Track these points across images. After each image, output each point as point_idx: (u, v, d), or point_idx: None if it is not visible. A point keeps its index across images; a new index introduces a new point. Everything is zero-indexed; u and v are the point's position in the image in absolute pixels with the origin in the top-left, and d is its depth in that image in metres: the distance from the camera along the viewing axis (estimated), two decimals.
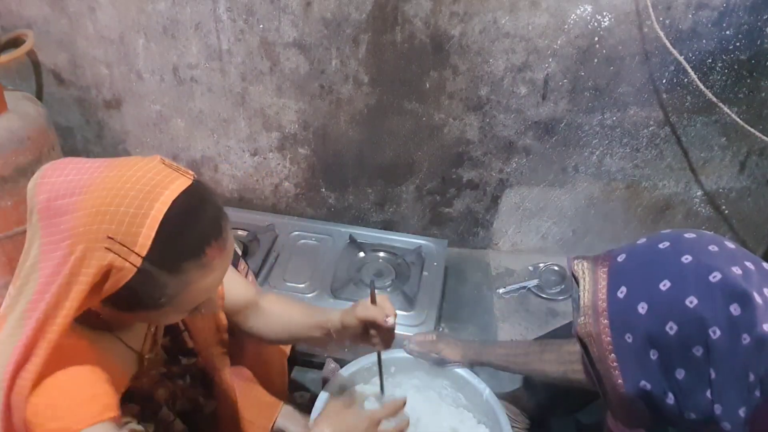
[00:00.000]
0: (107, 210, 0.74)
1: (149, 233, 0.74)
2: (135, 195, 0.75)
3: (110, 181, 0.75)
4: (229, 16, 1.64)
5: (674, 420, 0.73)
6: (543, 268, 1.97)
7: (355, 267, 1.73)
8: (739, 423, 0.68)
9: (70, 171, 0.78)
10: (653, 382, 0.71)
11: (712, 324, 0.67)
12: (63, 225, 0.75)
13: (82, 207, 0.74)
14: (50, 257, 0.76)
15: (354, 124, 1.81)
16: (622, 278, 0.76)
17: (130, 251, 0.74)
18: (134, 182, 0.76)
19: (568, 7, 1.56)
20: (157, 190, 0.76)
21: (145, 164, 0.78)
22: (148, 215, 0.74)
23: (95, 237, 0.73)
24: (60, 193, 0.76)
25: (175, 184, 0.77)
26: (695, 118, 1.73)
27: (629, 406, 0.75)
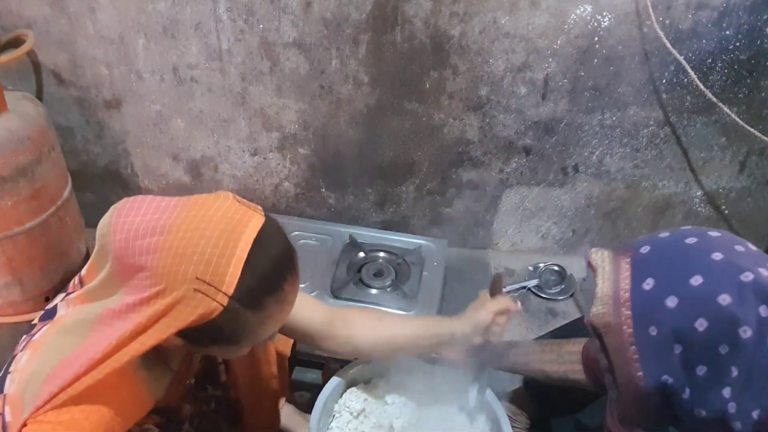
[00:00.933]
0: (194, 251, 0.76)
1: (235, 272, 0.77)
2: (219, 235, 0.77)
3: (192, 221, 0.78)
4: (229, 16, 1.64)
5: (683, 417, 0.72)
6: (543, 268, 1.97)
7: (355, 267, 1.73)
8: (750, 424, 0.68)
9: (146, 210, 0.80)
10: (674, 376, 0.70)
11: (743, 323, 0.67)
12: (145, 265, 0.76)
13: (165, 248, 0.76)
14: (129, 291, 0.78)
15: (354, 124, 1.81)
16: (648, 270, 0.74)
17: (217, 291, 0.76)
18: (216, 222, 0.78)
19: (568, 7, 1.56)
20: (238, 229, 0.79)
21: (221, 203, 0.81)
22: (234, 255, 0.77)
23: (183, 278, 0.75)
24: (139, 233, 0.78)
25: (252, 222, 0.81)
26: (695, 118, 1.73)
27: (644, 400, 0.74)
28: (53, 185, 1.64)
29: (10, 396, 0.82)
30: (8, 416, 0.81)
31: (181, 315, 0.76)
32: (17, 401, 0.80)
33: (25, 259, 1.62)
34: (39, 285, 1.68)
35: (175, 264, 0.76)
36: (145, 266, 0.76)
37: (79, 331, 0.80)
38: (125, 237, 0.78)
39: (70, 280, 0.94)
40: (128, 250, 0.77)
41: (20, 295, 1.67)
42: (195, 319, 0.77)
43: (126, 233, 0.78)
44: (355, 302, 1.60)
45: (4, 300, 1.67)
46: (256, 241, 0.79)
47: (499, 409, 1.21)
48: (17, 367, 0.84)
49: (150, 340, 0.78)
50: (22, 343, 0.90)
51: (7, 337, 1.69)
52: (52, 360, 0.79)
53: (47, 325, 0.88)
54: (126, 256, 0.78)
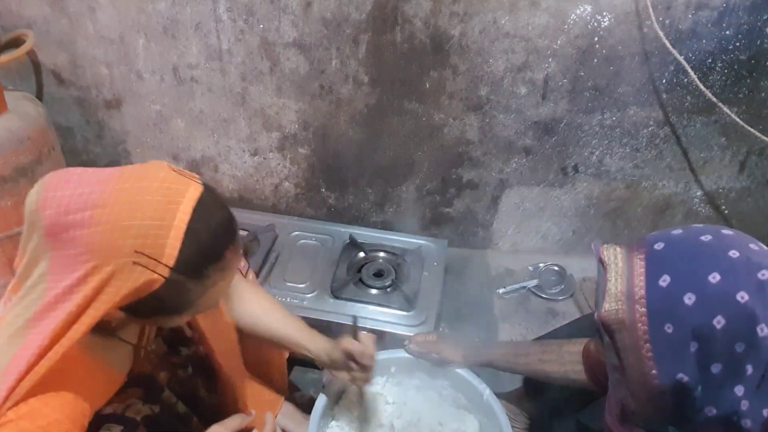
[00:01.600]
0: (131, 224, 0.74)
1: (175, 243, 0.76)
2: (156, 207, 0.75)
3: (127, 193, 0.76)
4: (229, 16, 1.64)
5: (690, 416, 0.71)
6: (543, 268, 1.97)
7: (355, 267, 1.73)
8: (760, 422, 0.68)
9: (78, 184, 0.77)
10: (689, 374, 0.70)
11: (761, 321, 0.66)
12: (78, 240, 0.74)
13: (101, 221, 0.74)
14: (63, 271, 0.75)
15: (354, 124, 1.81)
16: (664, 266, 0.73)
17: (157, 263, 0.75)
18: (153, 192, 0.76)
19: (568, 7, 1.56)
20: (176, 200, 0.77)
21: (156, 173, 0.79)
22: (172, 226, 0.76)
23: (121, 252, 0.74)
24: (71, 207, 0.75)
25: (189, 191, 0.79)
26: (695, 118, 1.73)
27: (655, 398, 0.73)
28: None
29: None
30: None
31: (120, 290, 0.75)
32: None
33: None
34: None
35: (113, 238, 0.74)
36: (79, 242, 0.74)
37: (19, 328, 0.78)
38: (56, 212, 0.75)
39: None
40: (59, 225, 0.75)
41: None
42: (134, 292, 0.76)
43: (56, 208, 0.75)
44: (355, 302, 1.60)
45: None
46: (195, 210, 0.78)
47: (499, 409, 1.22)
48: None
49: (89, 318, 0.76)
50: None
51: None
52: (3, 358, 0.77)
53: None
54: (57, 232, 0.75)
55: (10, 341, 0.77)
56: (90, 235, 0.74)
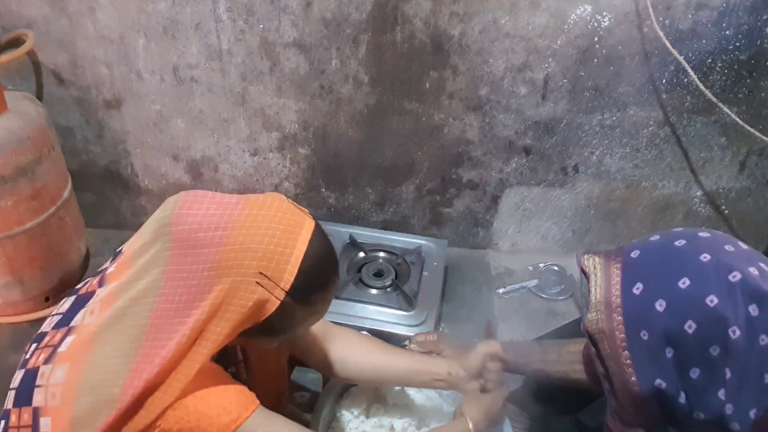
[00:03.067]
0: (258, 247, 0.82)
1: (293, 270, 0.83)
2: (281, 234, 0.84)
3: (255, 219, 0.84)
4: (229, 16, 1.64)
5: (682, 420, 0.72)
6: (543, 268, 1.97)
7: (355, 267, 1.73)
8: (748, 424, 0.68)
9: (209, 206, 0.85)
10: (668, 380, 0.71)
11: (732, 324, 0.67)
12: (204, 257, 0.81)
13: (229, 242, 0.81)
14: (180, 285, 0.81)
15: (354, 124, 1.81)
16: (637, 274, 0.74)
17: (276, 285, 0.83)
18: (277, 222, 0.85)
19: (568, 7, 1.56)
20: (296, 230, 0.86)
21: (279, 204, 0.88)
22: (292, 254, 0.84)
23: (246, 271, 0.81)
24: (203, 226, 0.83)
25: (306, 223, 0.88)
26: (695, 118, 1.73)
27: (641, 404, 0.74)
28: (53, 185, 1.64)
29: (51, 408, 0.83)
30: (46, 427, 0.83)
31: (242, 307, 0.81)
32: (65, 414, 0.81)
33: (25, 259, 1.62)
34: (39, 285, 1.68)
35: (239, 258, 0.81)
36: (205, 258, 0.80)
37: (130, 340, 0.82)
38: (189, 228, 0.83)
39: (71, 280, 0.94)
40: (190, 241, 0.82)
41: (20, 295, 1.67)
42: (253, 312, 0.82)
43: (190, 225, 0.83)
44: (355, 302, 1.60)
45: (4, 300, 1.67)
46: (311, 241, 0.86)
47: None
48: (50, 381, 0.84)
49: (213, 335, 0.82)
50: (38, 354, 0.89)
51: (7, 337, 1.69)
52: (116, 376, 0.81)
53: (71, 335, 0.88)
54: (185, 247, 0.82)
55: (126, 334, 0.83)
56: (218, 253, 0.81)
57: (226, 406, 0.84)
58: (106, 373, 0.82)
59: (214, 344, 0.82)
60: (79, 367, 0.83)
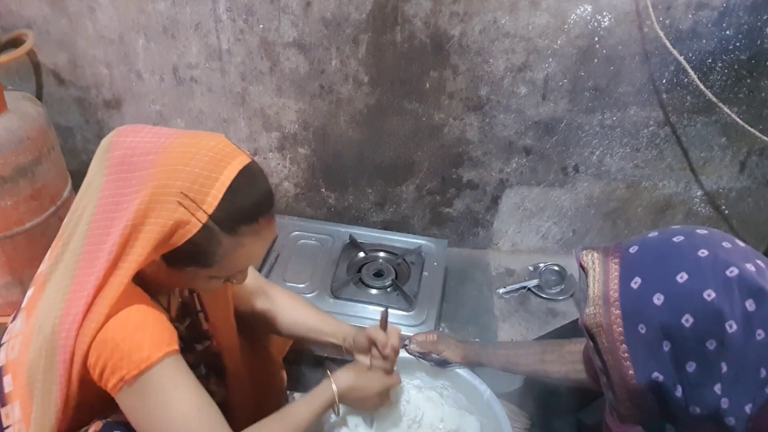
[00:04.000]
0: (183, 169, 0.82)
1: (217, 194, 0.83)
2: (208, 160, 0.84)
3: (186, 145, 0.84)
4: (229, 16, 1.64)
5: (678, 414, 0.72)
6: (543, 268, 1.97)
7: (355, 267, 1.73)
8: (743, 419, 0.68)
9: (147, 134, 0.86)
10: (665, 374, 0.71)
11: (729, 318, 0.67)
12: (134, 180, 0.82)
13: (157, 164, 0.82)
14: (112, 209, 0.83)
15: (354, 124, 1.81)
16: (635, 269, 0.75)
17: (198, 207, 0.82)
18: (208, 149, 0.85)
19: (568, 7, 1.56)
20: (226, 159, 0.85)
21: (216, 138, 0.88)
22: (218, 179, 0.83)
23: (169, 191, 0.81)
24: (137, 151, 0.84)
25: (240, 158, 0.87)
26: (695, 118, 1.73)
27: (638, 398, 0.74)
28: (53, 185, 1.64)
29: (10, 363, 0.84)
30: (9, 386, 0.84)
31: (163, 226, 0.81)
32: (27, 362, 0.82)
33: (25, 259, 1.62)
34: None
35: (164, 178, 0.82)
36: (135, 182, 0.82)
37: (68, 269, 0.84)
38: (123, 153, 0.84)
39: None
40: (123, 165, 0.83)
41: (20, 295, 1.66)
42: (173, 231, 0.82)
43: (125, 149, 0.84)
44: (355, 302, 1.60)
45: (4, 300, 1.67)
46: (240, 173, 0.85)
47: (499, 409, 1.21)
48: (12, 334, 0.87)
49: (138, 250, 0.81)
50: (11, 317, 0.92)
51: None
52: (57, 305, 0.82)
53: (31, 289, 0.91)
54: (120, 171, 0.83)
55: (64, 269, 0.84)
56: (146, 176, 0.82)
57: (139, 342, 0.82)
58: (46, 308, 0.83)
59: (133, 264, 0.81)
60: (32, 313, 0.85)
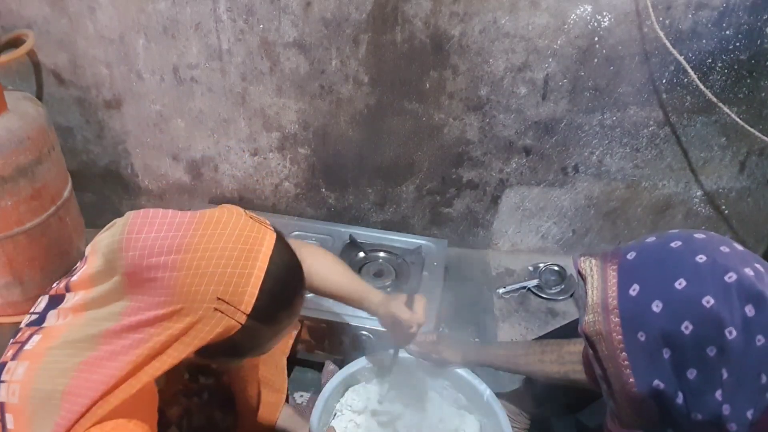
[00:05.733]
0: (214, 271, 0.78)
1: (253, 291, 0.80)
2: (238, 255, 0.80)
3: (210, 240, 0.80)
4: (229, 16, 1.64)
5: (680, 421, 0.72)
6: (543, 268, 1.97)
7: (355, 267, 1.73)
8: (745, 424, 0.68)
9: (160, 227, 0.81)
10: (665, 381, 0.71)
11: (728, 324, 0.67)
12: (159, 283, 0.78)
13: (183, 267, 0.78)
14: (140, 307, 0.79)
15: (354, 124, 1.81)
16: (633, 276, 0.74)
17: (236, 310, 0.80)
18: (234, 241, 0.81)
19: (568, 7, 1.56)
20: (255, 248, 0.82)
21: (236, 220, 0.83)
22: (252, 274, 0.80)
23: (203, 297, 0.78)
24: (155, 250, 0.79)
25: (266, 239, 0.84)
26: (695, 118, 1.73)
27: (639, 405, 0.74)
28: (53, 185, 1.64)
29: (11, 406, 0.82)
30: (10, 424, 0.82)
31: (200, 334, 0.79)
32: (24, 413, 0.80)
33: (25, 259, 1.62)
34: (39, 285, 1.68)
35: (195, 284, 0.78)
36: (161, 284, 0.78)
37: (85, 345, 0.81)
38: (139, 254, 0.79)
39: None
40: (142, 267, 0.78)
41: (20, 295, 1.67)
42: (214, 338, 0.79)
43: (140, 250, 0.79)
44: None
45: (4, 300, 1.67)
46: (271, 259, 0.82)
47: (499, 409, 1.22)
48: (13, 377, 0.83)
49: (170, 359, 0.79)
50: (9, 351, 0.89)
51: (7, 337, 1.68)
52: (62, 376, 0.79)
53: (38, 334, 0.87)
54: (139, 272, 0.78)
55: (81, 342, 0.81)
56: (171, 279, 0.78)
57: None
58: (53, 371, 0.81)
59: (168, 366, 0.81)
60: (35, 367, 0.82)
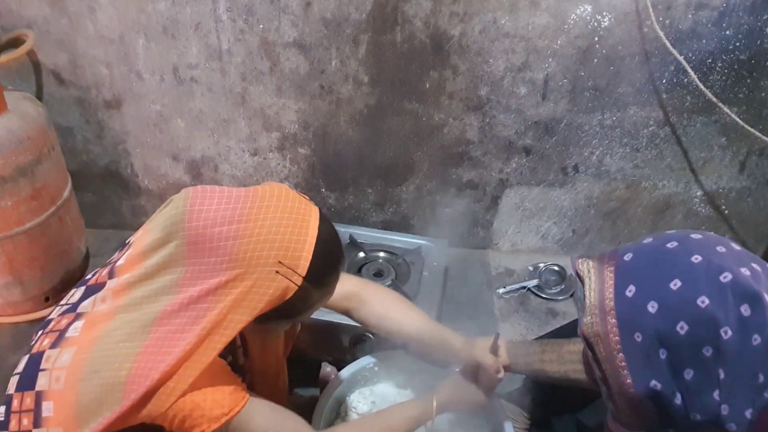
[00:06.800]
0: (274, 238, 0.87)
1: (308, 256, 0.89)
2: (294, 224, 0.89)
3: (268, 210, 0.88)
4: (229, 16, 1.64)
5: (679, 421, 0.72)
6: (543, 268, 1.97)
7: (355, 267, 1.73)
8: (744, 424, 0.68)
9: (219, 200, 0.89)
10: (662, 381, 0.71)
11: (723, 324, 0.67)
12: (221, 250, 0.85)
13: (246, 234, 0.85)
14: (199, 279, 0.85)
15: (354, 124, 1.81)
16: (630, 277, 0.75)
17: (294, 272, 0.88)
18: (289, 211, 0.90)
19: (568, 7, 1.56)
20: (306, 218, 0.91)
21: (286, 193, 0.92)
22: (306, 240, 0.89)
23: (266, 262, 0.86)
24: (217, 221, 0.86)
25: (313, 211, 0.93)
26: (695, 118, 1.73)
27: (637, 406, 0.74)
28: (53, 185, 1.64)
29: (54, 392, 0.84)
30: (48, 412, 0.83)
31: (263, 297, 0.86)
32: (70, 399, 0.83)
33: (25, 259, 1.62)
34: (39, 285, 1.68)
35: (257, 249, 0.85)
36: (224, 251, 0.85)
37: (141, 325, 0.84)
38: (203, 224, 0.86)
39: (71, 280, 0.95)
40: (206, 236, 0.85)
41: (20, 295, 1.67)
42: (274, 299, 0.86)
43: (203, 221, 0.86)
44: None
45: (4, 300, 1.67)
46: (320, 227, 0.91)
47: (499, 409, 1.21)
48: (56, 364, 0.86)
49: (235, 323, 0.86)
50: (44, 340, 0.91)
51: (7, 337, 1.69)
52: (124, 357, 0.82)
53: (79, 320, 0.89)
54: (202, 242, 0.85)
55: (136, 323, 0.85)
56: (234, 246, 0.85)
57: (219, 400, 0.88)
58: (113, 356, 0.83)
59: (233, 332, 0.86)
60: (86, 351, 0.85)
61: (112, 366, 0.82)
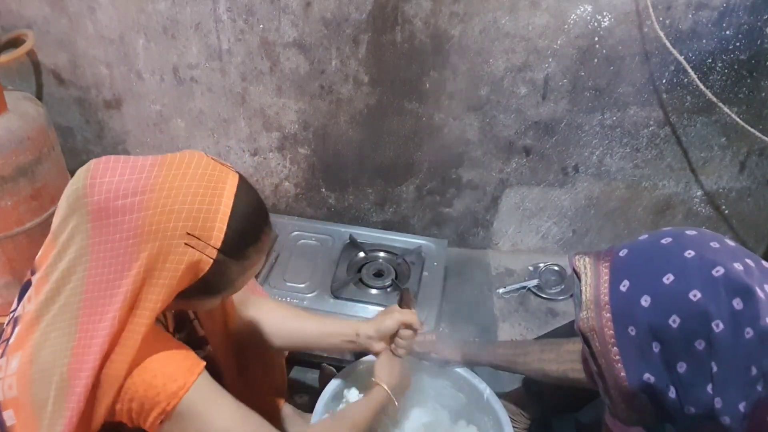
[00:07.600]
0: (182, 207, 0.79)
1: (221, 226, 0.82)
2: (204, 192, 0.81)
3: (175, 178, 0.81)
4: (229, 16, 1.64)
5: (675, 415, 0.73)
6: (543, 268, 1.97)
7: (355, 267, 1.73)
8: (738, 417, 0.68)
9: (123, 171, 0.81)
10: (656, 375, 0.72)
11: (715, 317, 0.68)
12: (126, 224, 0.78)
13: (150, 206, 0.78)
14: (106, 256, 0.79)
15: (354, 124, 1.81)
16: (624, 272, 0.76)
17: (206, 245, 0.81)
18: (198, 179, 0.82)
19: (568, 7, 1.56)
20: (219, 186, 0.83)
21: (198, 160, 0.84)
22: (219, 209, 0.82)
23: (173, 234, 0.79)
24: (120, 193, 0.79)
25: (230, 178, 0.85)
26: (695, 118, 1.73)
27: (632, 400, 0.75)
28: (53, 185, 1.64)
29: (10, 401, 0.82)
30: (10, 420, 0.82)
31: (173, 273, 0.79)
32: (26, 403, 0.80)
33: (25, 259, 1.62)
34: None
35: (163, 221, 0.78)
36: (128, 226, 0.78)
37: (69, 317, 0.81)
38: (104, 197, 0.79)
39: None
40: (109, 210, 0.79)
41: None
42: (187, 273, 0.80)
43: (105, 194, 0.79)
44: (355, 302, 1.60)
45: (4, 300, 1.67)
46: (236, 195, 0.84)
47: (499, 409, 1.22)
48: (8, 372, 0.83)
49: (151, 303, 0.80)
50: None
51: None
52: (61, 352, 0.80)
53: (17, 326, 0.87)
54: (104, 217, 0.79)
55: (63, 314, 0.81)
56: (139, 219, 0.78)
57: (171, 374, 0.83)
58: (51, 355, 0.80)
59: (152, 312, 0.80)
60: (27, 355, 0.82)
61: (53, 363, 0.80)
